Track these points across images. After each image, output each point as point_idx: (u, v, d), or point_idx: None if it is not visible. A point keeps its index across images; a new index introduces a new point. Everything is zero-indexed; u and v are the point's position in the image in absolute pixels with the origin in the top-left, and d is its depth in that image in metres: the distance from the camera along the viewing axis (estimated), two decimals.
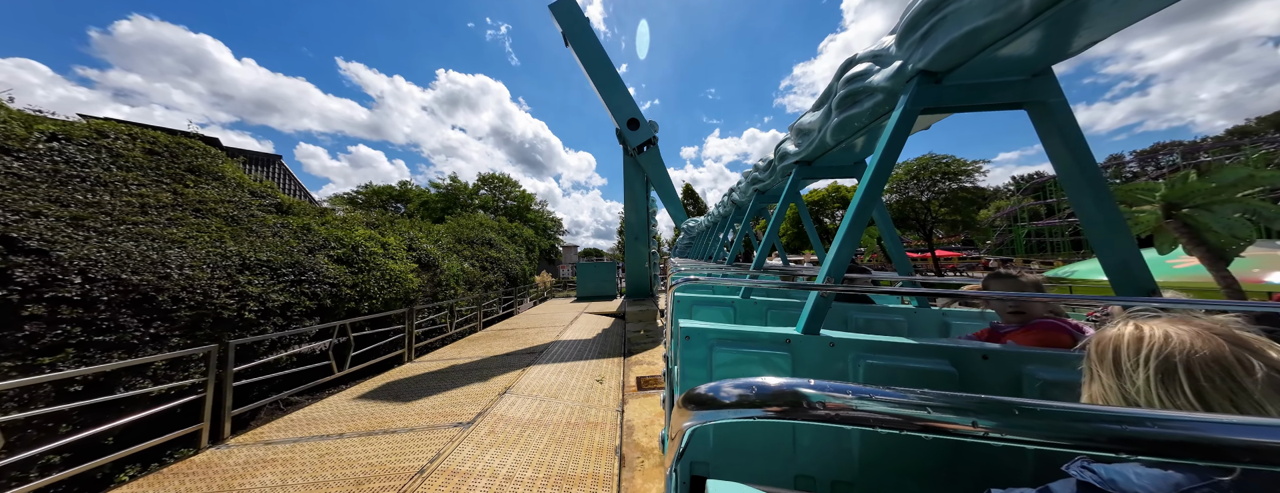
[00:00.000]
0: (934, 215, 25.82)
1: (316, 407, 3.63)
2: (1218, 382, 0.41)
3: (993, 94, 1.13)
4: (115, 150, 3.75)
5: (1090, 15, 0.81)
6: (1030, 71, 1.07)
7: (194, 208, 3.95)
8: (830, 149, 1.92)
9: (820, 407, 0.34)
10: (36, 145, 3.35)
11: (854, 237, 1.26)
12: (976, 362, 1.04)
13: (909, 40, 1.12)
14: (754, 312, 2.30)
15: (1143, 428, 0.26)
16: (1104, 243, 1.04)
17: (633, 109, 8.98)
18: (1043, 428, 0.29)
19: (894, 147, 1.19)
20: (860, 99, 1.45)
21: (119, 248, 3.09)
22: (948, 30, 0.97)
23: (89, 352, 2.76)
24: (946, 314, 1.98)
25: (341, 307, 4.90)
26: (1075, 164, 1.05)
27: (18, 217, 2.83)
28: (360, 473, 2.46)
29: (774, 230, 2.71)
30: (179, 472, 2.53)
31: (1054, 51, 0.98)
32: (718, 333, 1.22)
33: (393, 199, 29.77)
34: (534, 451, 2.77)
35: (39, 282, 2.69)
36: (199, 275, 3.38)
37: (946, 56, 1.02)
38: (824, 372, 1.15)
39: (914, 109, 1.15)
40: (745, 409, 0.37)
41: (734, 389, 0.38)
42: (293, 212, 5.38)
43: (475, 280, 9.93)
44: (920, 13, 1.04)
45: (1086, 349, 0.54)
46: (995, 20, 0.86)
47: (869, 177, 1.24)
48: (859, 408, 0.32)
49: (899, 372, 1.07)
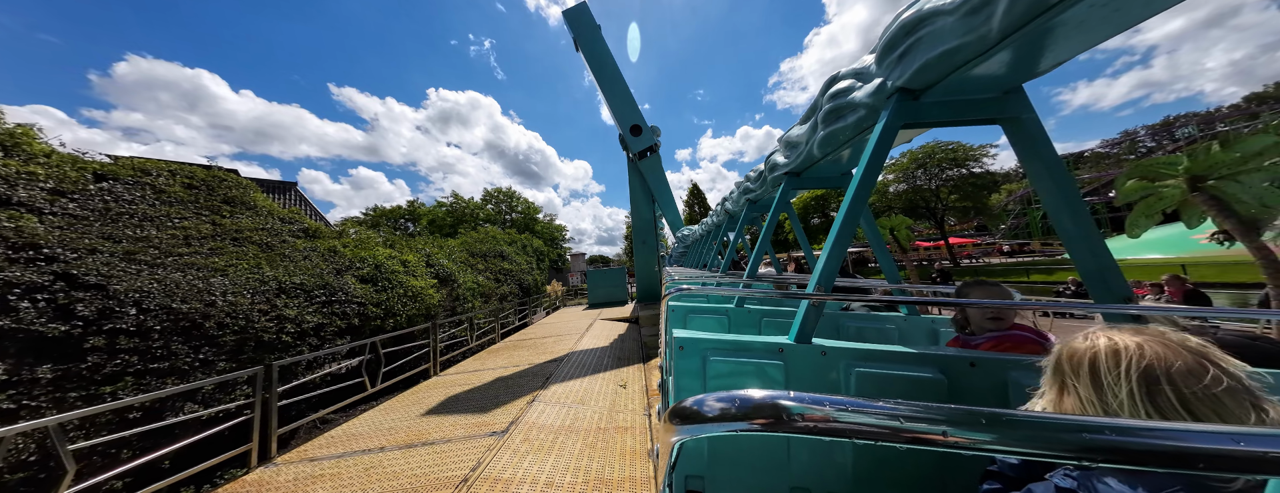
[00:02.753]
0: (944, 203, 25.32)
1: (353, 423, 3.74)
2: (1199, 393, 0.43)
3: (968, 110, 1.19)
4: (158, 186, 3.98)
5: (1055, 38, 0.87)
6: (1002, 89, 1.13)
7: (232, 237, 4.16)
8: (817, 161, 1.98)
9: (800, 419, 0.34)
10: (87, 186, 3.58)
11: (842, 246, 1.30)
12: (965, 369, 1.06)
13: (888, 59, 1.17)
14: (748, 320, 2.32)
15: (1125, 438, 0.26)
16: (1080, 252, 1.08)
17: (636, 115, 9.14)
18: (1018, 438, 0.29)
19: (877, 159, 1.24)
20: (844, 114, 1.51)
21: (168, 279, 3.27)
22: (923, 51, 1.03)
23: (145, 379, 2.91)
24: (936, 322, 2.00)
25: (368, 325, 5.05)
26: (1049, 176, 1.10)
27: (77, 254, 3.02)
28: (406, 485, 2.54)
29: (766, 239, 2.74)
30: (233, 491, 2.64)
31: (1023, 71, 1.04)
32: (711, 343, 1.23)
33: (402, 218, 30.44)
34: (569, 456, 2.82)
35: (98, 315, 2.86)
36: (241, 301, 3.54)
37: (923, 75, 1.08)
38: (816, 381, 1.16)
39: (895, 124, 1.21)
40: (728, 423, 0.37)
41: (717, 403, 0.38)
42: (318, 235, 5.59)
43: (490, 293, 10.09)
44: (897, 34, 1.10)
45: (1054, 359, 0.54)
46: (967, 42, 0.91)
47: (854, 188, 1.28)
48: (840, 420, 0.33)
49: (889, 380, 1.08)
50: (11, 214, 3.01)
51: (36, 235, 2.96)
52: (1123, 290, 1.04)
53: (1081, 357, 0.51)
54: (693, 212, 35.39)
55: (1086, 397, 0.49)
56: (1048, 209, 1.12)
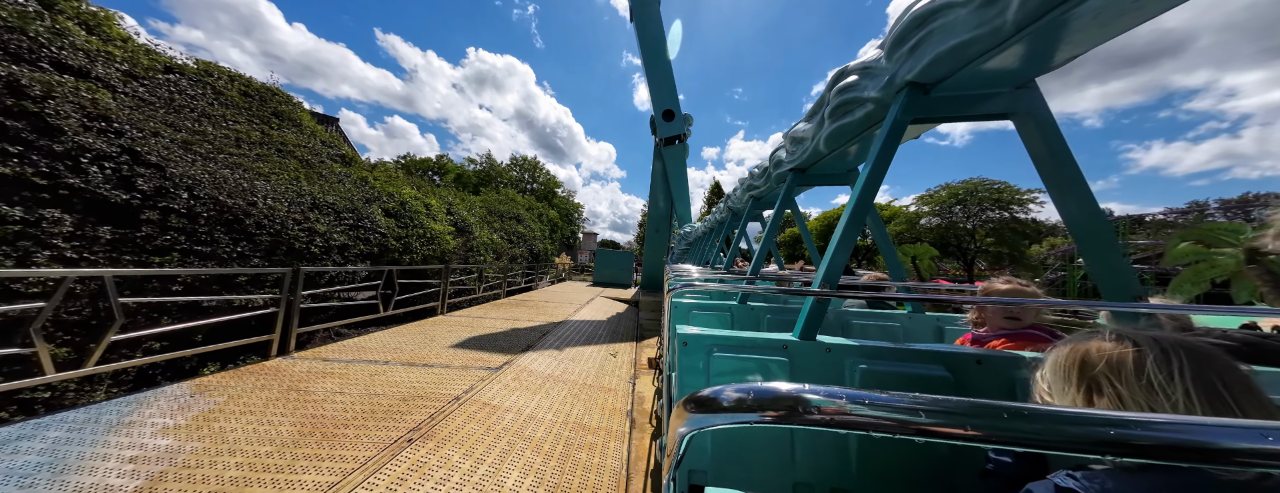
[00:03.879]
0: (978, 244, 24.20)
1: (363, 339, 4.00)
2: (1243, 389, 0.43)
3: (979, 105, 1.16)
4: (218, 88, 4.20)
5: (1071, 31, 0.84)
6: (1015, 84, 1.10)
7: (277, 148, 4.38)
8: (824, 157, 1.94)
9: (816, 411, 0.34)
10: (157, 75, 3.80)
11: (848, 243, 1.29)
12: (971, 367, 1.06)
13: (898, 53, 1.15)
14: (751, 318, 2.33)
15: (1138, 431, 0.26)
16: (1091, 249, 1.06)
17: (672, 100, 9.00)
18: (1036, 432, 0.29)
19: (885, 155, 1.22)
20: (852, 109, 1.48)
21: (218, 173, 3.50)
22: (934, 44, 1.01)
23: (189, 258, 3.17)
24: (941, 319, 1.98)
25: (387, 255, 5.29)
26: (1060, 172, 1.08)
27: (142, 134, 3.25)
28: (405, 392, 2.73)
29: (770, 237, 2.74)
30: (253, 372, 2.89)
31: (1037, 65, 1.01)
32: (715, 339, 1.22)
33: (430, 170, 31.13)
34: (554, 399, 2.97)
35: (155, 192, 3.10)
36: (278, 207, 3.77)
37: (934, 69, 1.05)
38: (821, 378, 1.16)
39: (904, 119, 1.18)
40: (745, 413, 0.37)
41: (735, 394, 0.38)
42: (353, 163, 5.81)
43: (502, 251, 10.36)
44: (908, 27, 1.08)
45: (1078, 360, 0.52)
46: (980, 35, 0.90)
47: (862, 184, 1.26)
48: (854, 413, 0.33)
49: (894, 377, 1.08)
50: (89, 86, 3.25)
51: (109, 109, 3.19)
52: (1134, 289, 1.03)
53: (1121, 355, 0.48)
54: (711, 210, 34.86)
55: (1131, 397, 0.47)
56: (1058, 207, 1.10)
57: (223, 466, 1.73)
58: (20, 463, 1.66)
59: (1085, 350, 0.52)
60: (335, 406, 2.42)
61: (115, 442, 1.87)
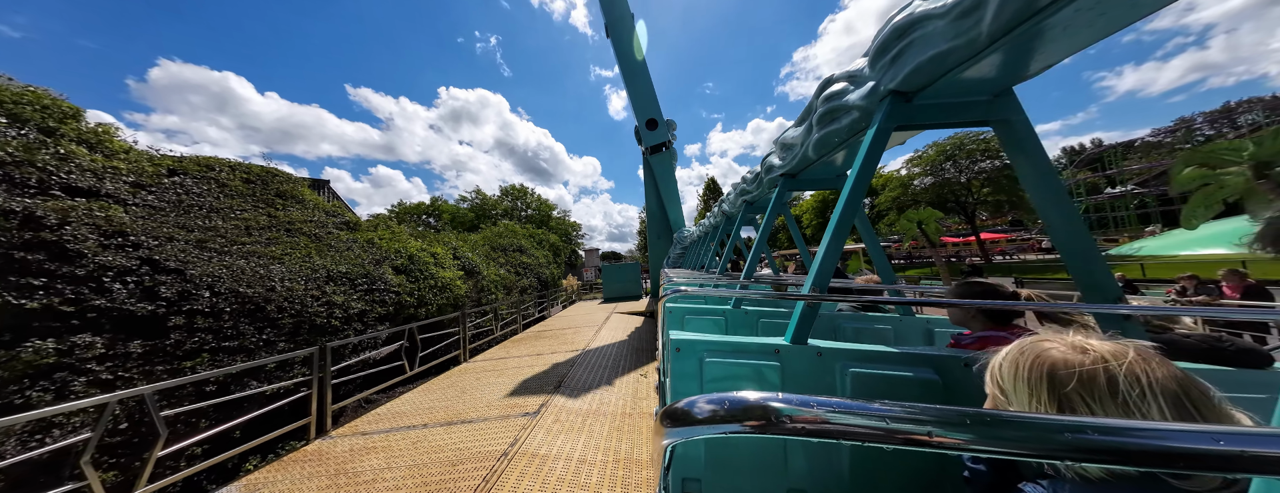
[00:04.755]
0: (976, 197, 24.06)
1: (396, 402, 4.00)
2: (1209, 408, 0.43)
3: (960, 112, 1.20)
4: (221, 180, 4.34)
5: (1043, 41, 0.88)
6: (993, 92, 1.14)
7: (285, 228, 4.49)
8: (813, 163, 1.99)
9: (790, 421, 0.33)
10: (162, 180, 3.93)
11: (837, 247, 1.30)
12: (959, 370, 1.07)
13: (880, 62, 1.19)
14: (745, 322, 2.33)
15: (1111, 438, 0.26)
16: (1071, 253, 1.08)
17: (654, 109, 9.17)
18: (1004, 439, 0.29)
19: (871, 161, 1.26)
20: (838, 116, 1.52)
21: (234, 265, 3.58)
22: (915, 54, 1.04)
23: (218, 356, 3.22)
24: (931, 322, 1.99)
25: (403, 312, 5.34)
26: (1038, 177, 1.11)
27: (158, 241, 3.35)
28: (451, 456, 2.72)
29: (762, 241, 2.77)
30: (297, 459, 2.90)
31: (1013, 73, 1.05)
32: (708, 345, 1.23)
33: (425, 214, 31.54)
34: (598, 437, 2.95)
35: (178, 296, 3.18)
36: (296, 287, 3.84)
37: (915, 78, 1.09)
38: (812, 381, 1.16)
39: (888, 126, 1.22)
40: (719, 425, 0.37)
41: (707, 405, 0.38)
42: (358, 227, 5.93)
43: (511, 285, 10.41)
44: (889, 37, 1.12)
45: (1027, 370, 0.51)
46: (957, 45, 0.93)
47: (848, 189, 1.29)
48: (830, 421, 0.32)
49: (884, 380, 1.08)
50: (101, 205, 3.37)
51: (124, 224, 3.30)
52: (1113, 291, 1.05)
53: (1091, 376, 0.47)
54: (708, 207, 35.20)
55: (1098, 413, 0.46)
56: (1038, 210, 1.12)
57: None
58: None
59: (1052, 363, 0.50)
60: (386, 484, 2.42)
61: None
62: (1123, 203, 21.49)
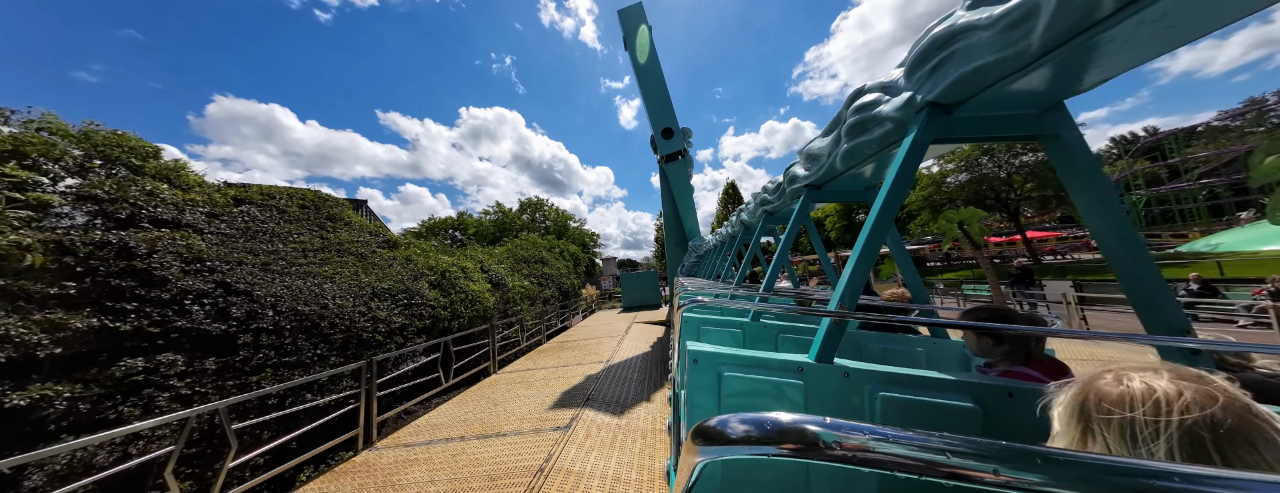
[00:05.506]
0: (1019, 192, 22.39)
1: (433, 414, 4.16)
2: (1247, 459, 0.37)
3: (1004, 126, 1.13)
4: (281, 208, 4.77)
5: (1100, 55, 0.81)
6: (1042, 106, 1.07)
7: (335, 249, 4.85)
8: (839, 174, 1.93)
9: (836, 447, 0.32)
10: (232, 209, 4.36)
11: (867, 262, 1.25)
12: (1002, 399, 0.98)
13: (918, 73, 1.13)
14: (764, 336, 2.25)
15: (1197, 487, 0.24)
16: (1131, 278, 0.98)
17: (670, 119, 9.29)
18: (1077, 481, 0.26)
19: (905, 175, 1.20)
20: (869, 128, 1.47)
21: (293, 285, 3.89)
22: (957, 65, 0.99)
23: (279, 371, 3.49)
24: (966, 347, 1.85)
25: (438, 325, 5.59)
26: (1093, 196, 1.03)
27: (229, 266, 3.70)
28: (489, 470, 2.80)
29: (784, 253, 2.68)
30: (346, 471, 3.06)
31: (1065, 88, 0.98)
32: (727, 358, 1.19)
33: (452, 228, 32.98)
34: (631, 453, 2.94)
35: (247, 316, 3.48)
36: (346, 304, 4.12)
37: (956, 90, 1.03)
38: (838, 403, 1.12)
39: (924, 139, 1.16)
40: (756, 446, 0.35)
41: (742, 426, 0.36)
42: (397, 246, 6.30)
43: (535, 296, 10.66)
44: (929, 48, 1.06)
45: (1079, 399, 0.48)
46: (1004, 57, 0.87)
47: (880, 204, 1.23)
48: (877, 450, 0.31)
49: (918, 407, 1.02)
50: (183, 234, 3.77)
51: (201, 251, 3.67)
52: (1180, 323, 0.94)
53: (1113, 402, 0.44)
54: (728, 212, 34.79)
55: (1115, 449, 0.42)
56: (1092, 232, 1.04)
57: None
58: None
59: (1088, 391, 0.47)
60: None
61: None
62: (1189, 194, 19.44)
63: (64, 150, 3.65)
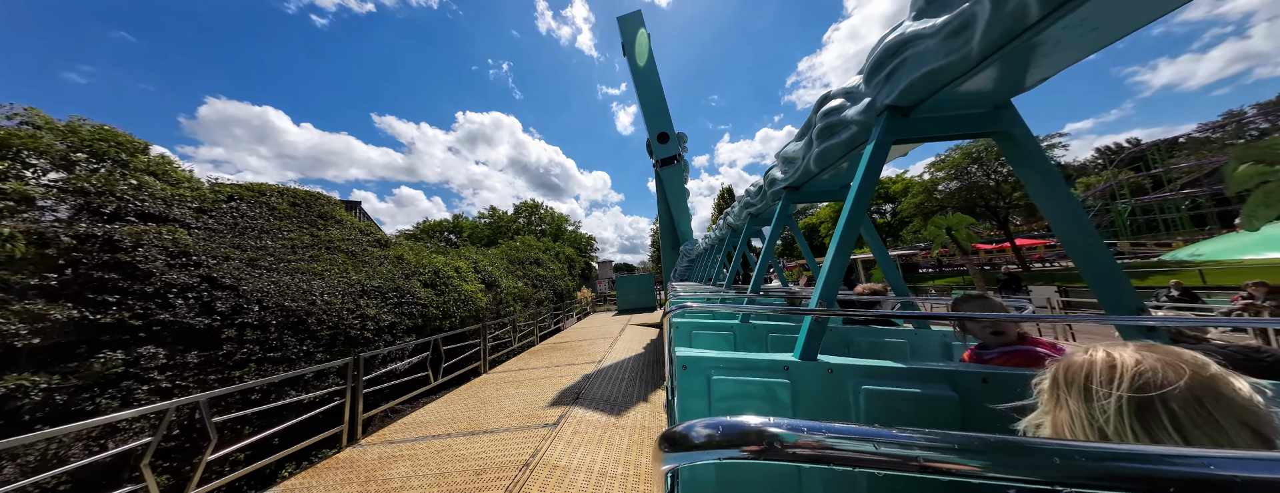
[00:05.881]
0: (1007, 200, 22.85)
1: (420, 412, 4.12)
2: (1197, 418, 0.40)
3: (958, 126, 1.21)
4: (271, 204, 4.74)
5: (1036, 56, 0.89)
6: (991, 104, 1.14)
7: (325, 246, 4.82)
8: (815, 175, 2.00)
9: (792, 446, 0.32)
10: (221, 205, 4.34)
11: (842, 259, 1.29)
12: (977, 386, 1.03)
13: (876, 79, 1.21)
14: (754, 337, 2.28)
15: (1149, 466, 0.25)
16: (1086, 263, 1.04)
17: (665, 124, 9.42)
18: (1026, 466, 0.27)
19: (871, 174, 1.27)
20: (837, 131, 1.55)
21: (281, 281, 3.86)
22: (909, 71, 1.06)
23: (264, 366, 3.44)
24: (947, 336, 1.91)
25: (429, 324, 5.54)
26: (1045, 186, 1.09)
27: (216, 261, 3.67)
28: (475, 465, 2.78)
29: (768, 253, 2.74)
30: (329, 467, 3.02)
31: (1009, 87, 1.05)
32: (715, 361, 1.21)
33: (446, 231, 32.80)
34: (618, 450, 2.94)
35: (232, 311, 3.45)
36: (334, 301, 4.09)
37: (911, 93, 1.09)
38: (824, 400, 1.13)
39: (886, 141, 1.23)
40: (717, 450, 0.35)
41: (704, 430, 0.36)
42: (389, 245, 6.27)
43: (529, 298, 10.61)
44: (883, 55, 1.14)
45: (1053, 374, 0.52)
46: (950, 62, 0.94)
47: (851, 202, 1.29)
48: (836, 448, 0.31)
49: (899, 398, 1.04)
50: (169, 228, 3.74)
51: (188, 245, 3.64)
52: (1134, 302, 1.01)
53: (1078, 370, 0.49)
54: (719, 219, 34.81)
55: (1075, 411, 0.47)
56: (1049, 220, 1.11)
57: None
58: None
59: (1059, 366, 0.52)
60: (414, 492, 2.50)
61: None
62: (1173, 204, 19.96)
63: (48, 143, 3.62)
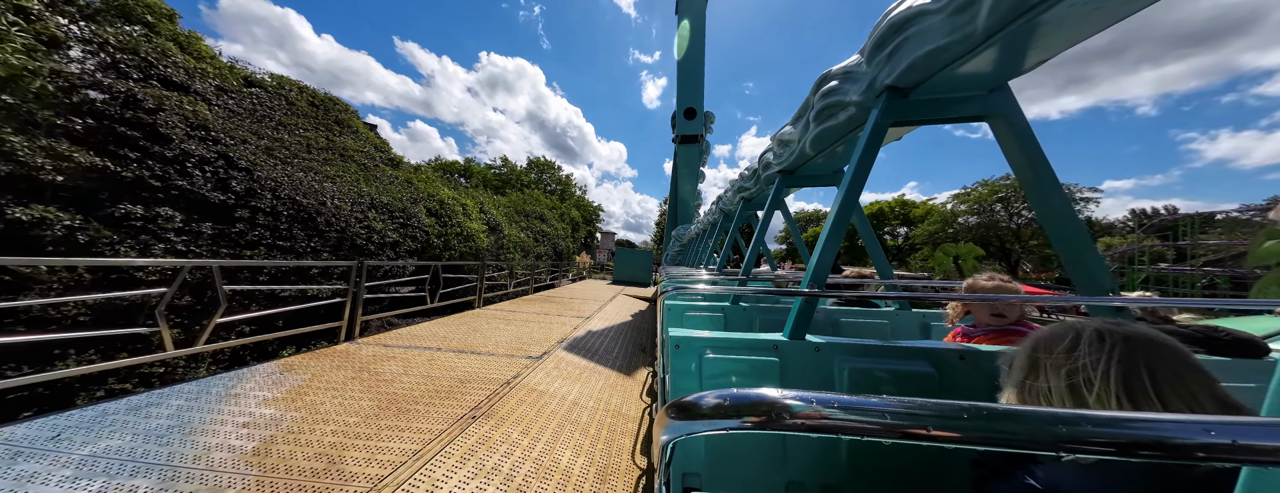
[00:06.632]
0: (1023, 245, 22.50)
1: (414, 328, 4.30)
2: (1176, 387, 0.44)
3: (956, 108, 1.19)
4: (290, 99, 4.66)
5: (1038, 36, 0.88)
6: (988, 87, 1.13)
7: (340, 153, 4.80)
8: (810, 159, 1.96)
9: (794, 416, 0.33)
10: (242, 89, 4.26)
11: (834, 243, 1.32)
12: (954, 363, 1.09)
13: (877, 58, 1.18)
14: (744, 318, 2.34)
15: (1101, 429, 0.26)
16: (1065, 245, 1.08)
17: (695, 99, 9.04)
18: (998, 432, 0.29)
19: (868, 157, 1.27)
20: (835, 112, 1.51)
21: (294, 175, 3.89)
22: (911, 50, 1.05)
23: (273, 252, 3.54)
24: (926, 316, 2.00)
25: (430, 252, 5.65)
26: (1033, 171, 1.11)
27: (233, 141, 3.67)
28: (461, 375, 2.95)
29: (759, 237, 2.75)
30: (327, 355, 3.20)
31: (1008, 69, 1.04)
32: (707, 341, 1.23)
33: (458, 173, 32.53)
34: (593, 388, 3.11)
35: (246, 192, 3.49)
36: (343, 207, 4.13)
37: (911, 74, 1.09)
38: (811, 377, 1.17)
39: (884, 122, 1.22)
40: (725, 420, 0.36)
41: (713, 400, 0.37)
42: (400, 166, 6.25)
43: (529, 249, 10.74)
44: (886, 33, 1.10)
45: (1031, 346, 0.55)
46: (953, 41, 0.93)
47: (846, 186, 1.30)
48: (832, 417, 0.33)
49: (881, 374, 1.10)
50: (190, 99, 3.70)
51: (207, 120, 3.62)
52: (1108, 284, 1.06)
53: (1061, 336, 0.52)
54: None
55: (1053, 374, 0.50)
56: (1033, 204, 1.14)
57: (320, 432, 1.97)
58: (154, 425, 1.95)
59: (1037, 338, 0.56)
60: (403, 385, 2.66)
61: (227, 410, 2.15)
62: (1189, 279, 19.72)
63: None
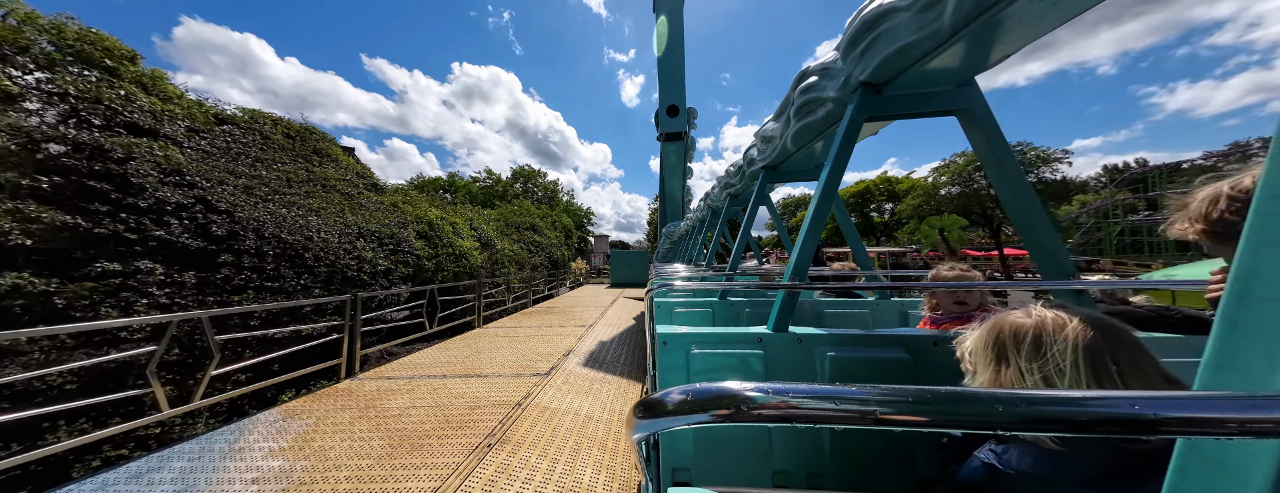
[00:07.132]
0: (1004, 212, 23.08)
1: (416, 355, 4.24)
2: (1132, 368, 0.48)
3: (926, 103, 1.25)
4: (264, 133, 4.54)
5: (1002, 31, 0.94)
6: (956, 82, 1.20)
7: (321, 183, 4.70)
8: (792, 154, 2.02)
9: (760, 408, 0.34)
10: (213, 127, 4.14)
11: (814, 236, 1.37)
12: (928, 349, 1.15)
13: (851, 55, 1.22)
14: (731, 313, 2.40)
15: (1042, 407, 0.27)
16: (1030, 232, 1.14)
17: (677, 97, 9.08)
18: (951, 414, 0.30)
19: (844, 152, 1.32)
20: (814, 108, 1.56)
21: (277, 212, 3.79)
22: (883, 46, 1.09)
23: (262, 295, 3.46)
24: (904, 304, 2.08)
25: (423, 275, 5.57)
26: (999, 163, 1.18)
27: (210, 184, 3.57)
28: (470, 401, 2.92)
29: (745, 233, 2.83)
30: (329, 394, 3.13)
31: (974, 64, 1.10)
32: (694, 337, 1.27)
33: (442, 189, 32.07)
34: (604, 399, 3.11)
35: (228, 236, 3.40)
36: (330, 239, 4.05)
37: (883, 70, 1.13)
38: (794, 367, 1.22)
39: (859, 117, 1.26)
40: (688, 416, 0.37)
41: (677, 396, 0.38)
42: (384, 190, 6.14)
43: (524, 262, 10.66)
44: (859, 30, 1.15)
45: (993, 333, 0.57)
46: (922, 37, 0.98)
47: (824, 180, 1.34)
48: (799, 407, 0.33)
49: (859, 362, 1.15)
50: (160, 144, 3.58)
51: (180, 164, 3.51)
52: (1069, 269, 1.11)
53: (1026, 329, 0.54)
54: None
55: (1026, 367, 0.52)
56: (999, 193, 1.20)
57: (334, 480, 1.93)
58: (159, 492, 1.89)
59: (999, 326, 0.58)
60: (412, 419, 2.63)
61: (233, 467, 2.09)
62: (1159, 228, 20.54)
63: (30, 40, 3.35)
